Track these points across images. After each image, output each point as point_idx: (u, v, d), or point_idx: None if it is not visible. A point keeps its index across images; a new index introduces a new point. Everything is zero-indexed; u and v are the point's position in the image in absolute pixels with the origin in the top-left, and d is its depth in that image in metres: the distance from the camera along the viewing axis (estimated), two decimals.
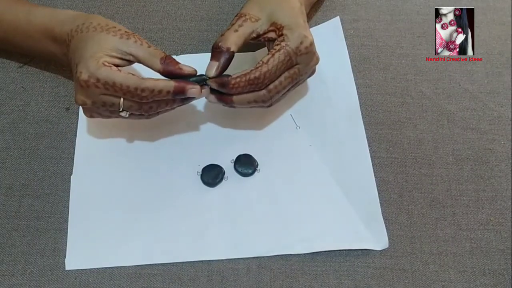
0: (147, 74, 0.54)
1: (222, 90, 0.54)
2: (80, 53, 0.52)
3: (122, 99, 0.52)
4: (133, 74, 0.51)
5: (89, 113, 0.54)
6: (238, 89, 0.53)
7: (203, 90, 0.54)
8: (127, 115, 0.53)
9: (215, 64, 0.53)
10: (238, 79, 0.53)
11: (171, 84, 0.52)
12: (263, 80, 0.53)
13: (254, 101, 0.55)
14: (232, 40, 0.54)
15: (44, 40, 0.58)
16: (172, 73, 0.52)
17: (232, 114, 0.63)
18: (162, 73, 0.53)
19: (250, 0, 0.58)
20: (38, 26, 0.58)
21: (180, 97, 0.53)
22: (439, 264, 0.56)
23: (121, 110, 0.52)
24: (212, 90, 0.55)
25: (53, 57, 0.60)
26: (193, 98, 0.55)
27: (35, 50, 0.61)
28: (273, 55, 0.53)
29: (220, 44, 0.54)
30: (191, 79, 0.53)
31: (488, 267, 0.55)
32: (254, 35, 0.55)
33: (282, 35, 0.54)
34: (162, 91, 0.51)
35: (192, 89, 0.52)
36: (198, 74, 0.54)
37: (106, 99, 0.52)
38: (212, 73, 0.53)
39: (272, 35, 0.55)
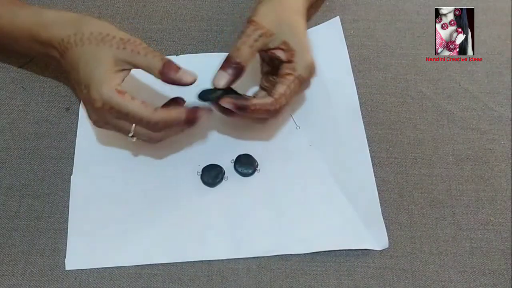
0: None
1: (238, 111, 0.53)
2: (85, 74, 0.51)
3: (134, 125, 0.52)
4: (146, 104, 0.50)
5: (99, 127, 0.54)
6: (254, 114, 0.53)
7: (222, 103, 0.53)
8: (134, 139, 0.54)
9: (226, 77, 0.53)
10: (257, 106, 0.53)
11: (182, 115, 0.51)
12: (280, 110, 0.54)
13: (263, 119, 0.56)
14: (246, 56, 0.53)
15: (31, 42, 0.56)
16: (172, 83, 0.51)
17: None
18: (163, 81, 0.52)
19: (265, 4, 0.56)
20: (23, 29, 0.55)
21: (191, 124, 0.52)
22: (439, 264, 0.56)
23: (131, 135, 0.53)
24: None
25: (44, 57, 0.58)
26: None
27: (25, 51, 0.59)
28: (288, 86, 0.53)
29: (237, 60, 0.53)
30: (200, 95, 0.53)
31: (488, 267, 0.55)
32: (264, 48, 0.55)
33: (292, 61, 0.54)
34: (174, 123, 0.51)
35: (204, 114, 0.52)
36: (203, 88, 0.53)
37: (118, 123, 0.52)
38: (221, 84, 0.52)
39: (281, 54, 0.54)
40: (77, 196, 0.58)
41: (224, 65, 0.53)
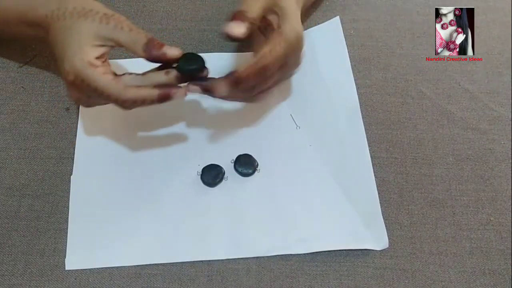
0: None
1: (234, 87, 0.52)
2: (62, 48, 0.50)
3: None
4: (116, 80, 0.49)
5: (86, 104, 0.54)
6: (249, 82, 0.52)
7: (189, 89, 0.52)
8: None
9: (243, 25, 0.50)
10: (248, 70, 0.51)
11: (154, 93, 0.49)
12: (264, 70, 0.51)
13: (250, 90, 0.55)
14: (256, 12, 0.52)
15: (20, 25, 0.55)
16: (156, 59, 0.50)
17: (232, 114, 0.63)
18: (146, 59, 0.50)
19: None
20: (10, 11, 0.55)
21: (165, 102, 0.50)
22: (439, 264, 0.56)
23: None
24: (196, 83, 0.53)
25: (33, 40, 0.58)
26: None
27: (16, 36, 0.59)
28: (273, 47, 0.51)
29: (247, 14, 0.51)
30: (191, 68, 0.51)
31: (488, 267, 0.55)
32: (266, 10, 0.53)
33: (281, 27, 0.53)
34: (144, 102, 0.50)
35: (177, 93, 0.50)
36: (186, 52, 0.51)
37: (94, 94, 0.50)
38: (241, 32, 0.50)
39: (273, 19, 0.54)
40: (77, 196, 0.58)
41: (236, 17, 0.51)
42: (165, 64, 0.51)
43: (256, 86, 0.55)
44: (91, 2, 0.52)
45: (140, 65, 0.52)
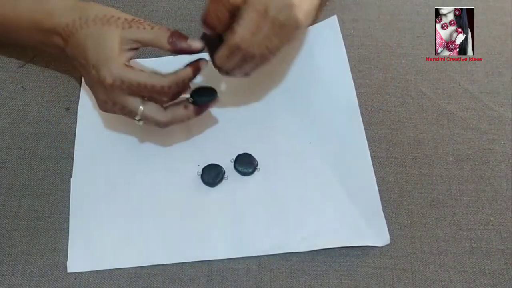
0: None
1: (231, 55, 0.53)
2: (93, 55, 0.51)
3: (141, 108, 0.53)
4: (155, 72, 0.52)
5: (105, 109, 0.55)
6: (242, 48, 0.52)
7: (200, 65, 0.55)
8: (141, 123, 0.54)
9: (199, 42, 0.53)
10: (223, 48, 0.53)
11: (189, 71, 0.53)
12: (241, 46, 0.52)
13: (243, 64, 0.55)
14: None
15: (34, 31, 0.56)
16: (181, 51, 0.53)
17: (232, 114, 0.63)
18: (171, 52, 0.53)
19: None
20: (25, 17, 0.55)
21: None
22: (439, 264, 0.56)
23: (138, 119, 0.53)
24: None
25: (45, 47, 0.57)
26: None
27: (26, 42, 0.59)
28: (245, 22, 0.51)
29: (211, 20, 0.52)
30: (206, 100, 0.56)
31: (488, 267, 0.55)
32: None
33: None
34: (184, 80, 0.53)
35: (203, 63, 0.54)
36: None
37: (127, 101, 0.52)
38: (198, 46, 0.53)
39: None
40: (77, 198, 0.58)
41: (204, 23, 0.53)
42: (192, 64, 0.54)
43: (251, 51, 0.53)
44: (109, 9, 0.53)
45: (162, 63, 0.55)
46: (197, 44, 0.53)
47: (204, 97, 0.56)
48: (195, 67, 0.53)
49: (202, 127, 0.63)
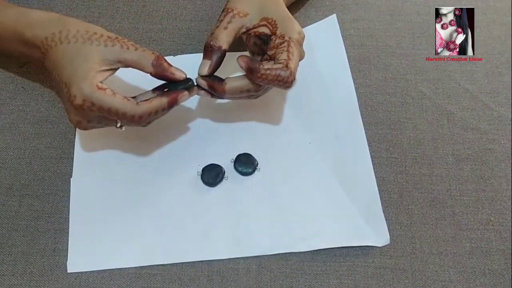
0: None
1: (251, 75, 0.52)
2: (68, 72, 0.49)
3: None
4: (128, 99, 0.50)
5: (83, 128, 0.53)
6: (264, 81, 0.52)
7: (192, 92, 0.54)
8: (123, 129, 0.53)
9: (208, 63, 0.53)
10: (268, 71, 0.51)
11: (164, 101, 0.51)
12: (293, 75, 0.52)
13: (247, 90, 0.54)
14: (223, 39, 0.54)
15: (15, 43, 0.55)
16: (163, 77, 0.52)
17: (232, 114, 0.63)
18: (153, 76, 0.52)
19: None
20: (7, 28, 0.54)
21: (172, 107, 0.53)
22: (439, 264, 0.56)
23: (118, 125, 0.52)
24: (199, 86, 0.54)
25: (27, 59, 0.57)
26: None
27: (10, 53, 0.58)
28: (288, 51, 0.52)
29: (212, 43, 0.53)
30: (180, 87, 0.53)
31: (488, 267, 0.55)
32: (243, 30, 0.55)
33: (277, 31, 0.54)
34: (158, 111, 0.51)
35: (183, 97, 0.52)
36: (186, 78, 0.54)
37: (101, 120, 0.51)
38: (205, 71, 0.53)
39: (264, 30, 0.55)
40: (77, 199, 0.58)
41: (205, 54, 0.54)
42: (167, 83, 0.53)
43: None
44: (93, 26, 0.52)
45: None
46: (180, 73, 0.52)
47: (180, 86, 0.53)
48: (172, 99, 0.52)
49: (202, 127, 0.63)
